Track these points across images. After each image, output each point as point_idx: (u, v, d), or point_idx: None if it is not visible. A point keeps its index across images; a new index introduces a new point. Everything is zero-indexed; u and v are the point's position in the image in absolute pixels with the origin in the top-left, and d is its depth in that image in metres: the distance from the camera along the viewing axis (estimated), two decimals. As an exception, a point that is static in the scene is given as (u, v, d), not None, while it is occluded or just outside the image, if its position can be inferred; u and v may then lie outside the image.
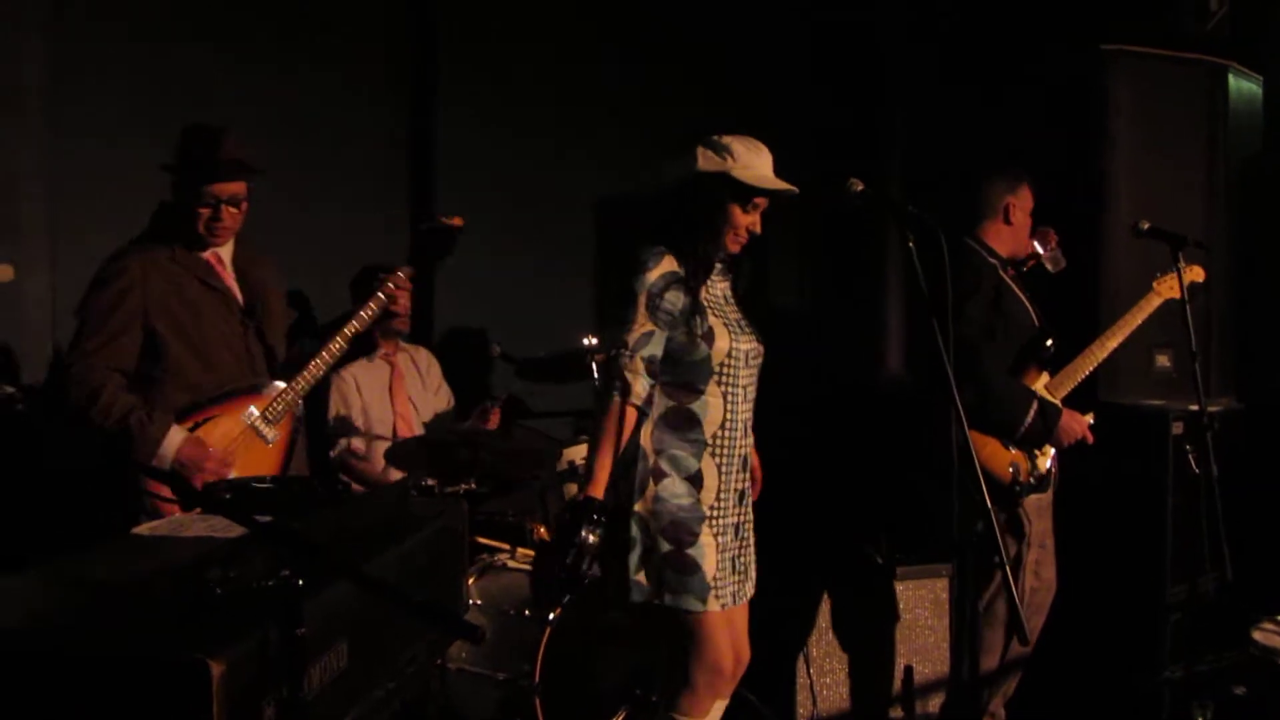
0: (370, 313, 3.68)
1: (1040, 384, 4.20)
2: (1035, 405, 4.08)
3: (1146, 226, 4.27)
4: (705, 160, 3.19)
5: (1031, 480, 4.15)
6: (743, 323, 3.34)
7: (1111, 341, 4.30)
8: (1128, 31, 5.21)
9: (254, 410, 3.52)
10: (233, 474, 3.43)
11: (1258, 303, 5.49)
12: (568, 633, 3.93)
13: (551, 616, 3.84)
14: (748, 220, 3.24)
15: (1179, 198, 5.18)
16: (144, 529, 2.34)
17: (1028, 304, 4.27)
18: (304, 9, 5.15)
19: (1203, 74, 5.29)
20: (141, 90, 4.59)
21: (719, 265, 3.32)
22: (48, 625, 1.73)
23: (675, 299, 3.17)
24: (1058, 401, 4.20)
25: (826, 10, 6.57)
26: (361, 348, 4.69)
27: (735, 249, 3.29)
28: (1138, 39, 5.19)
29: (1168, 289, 4.31)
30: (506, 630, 4.02)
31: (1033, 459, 4.16)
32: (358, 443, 4.81)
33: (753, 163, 3.20)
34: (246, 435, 3.50)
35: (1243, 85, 5.42)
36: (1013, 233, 4.31)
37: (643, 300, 3.15)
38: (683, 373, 3.20)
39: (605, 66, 5.92)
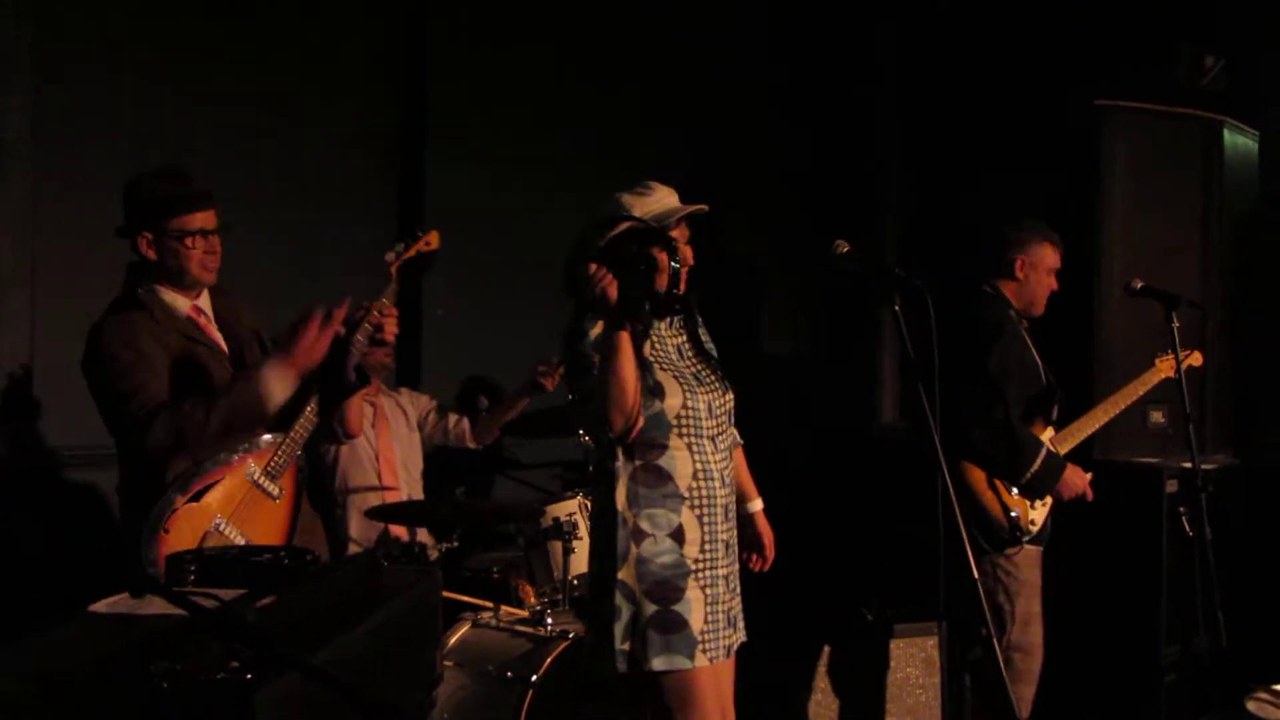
0: (359, 346, 3.55)
1: (1044, 438, 4.18)
2: (1044, 453, 4.10)
3: (1140, 286, 4.25)
4: (609, 224, 3.19)
5: (1031, 529, 4.15)
6: (701, 374, 3.29)
7: (1113, 409, 4.33)
8: (1122, 87, 5.20)
9: (254, 467, 3.39)
10: (242, 540, 3.32)
11: (1255, 359, 5.46)
12: (550, 694, 3.87)
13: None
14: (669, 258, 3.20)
15: (1174, 254, 5.17)
16: (101, 606, 2.28)
17: (1038, 357, 4.29)
18: (289, 54, 5.13)
19: (1198, 129, 5.29)
20: (126, 143, 4.55)
21: (666, 320, 3.30)
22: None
23: None
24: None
25: (821, 66, 6.59)
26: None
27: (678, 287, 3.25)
28: (1132, 94, 5.18)
29: (1168, 367, 4.30)
30: (489, 692, 3.95)
31: (1031, 508, 4.16)
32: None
33: (648, 204, 3.20)
34: (252, 494, 3.38)
35: (1238, 140, 5.41)
36: (1020, 288, 4.33)
37: (589, 355, 3.15)
38: (643, 429, 3.16)
39: (596, 112, 5.91)
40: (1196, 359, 4.42)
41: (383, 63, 5.56)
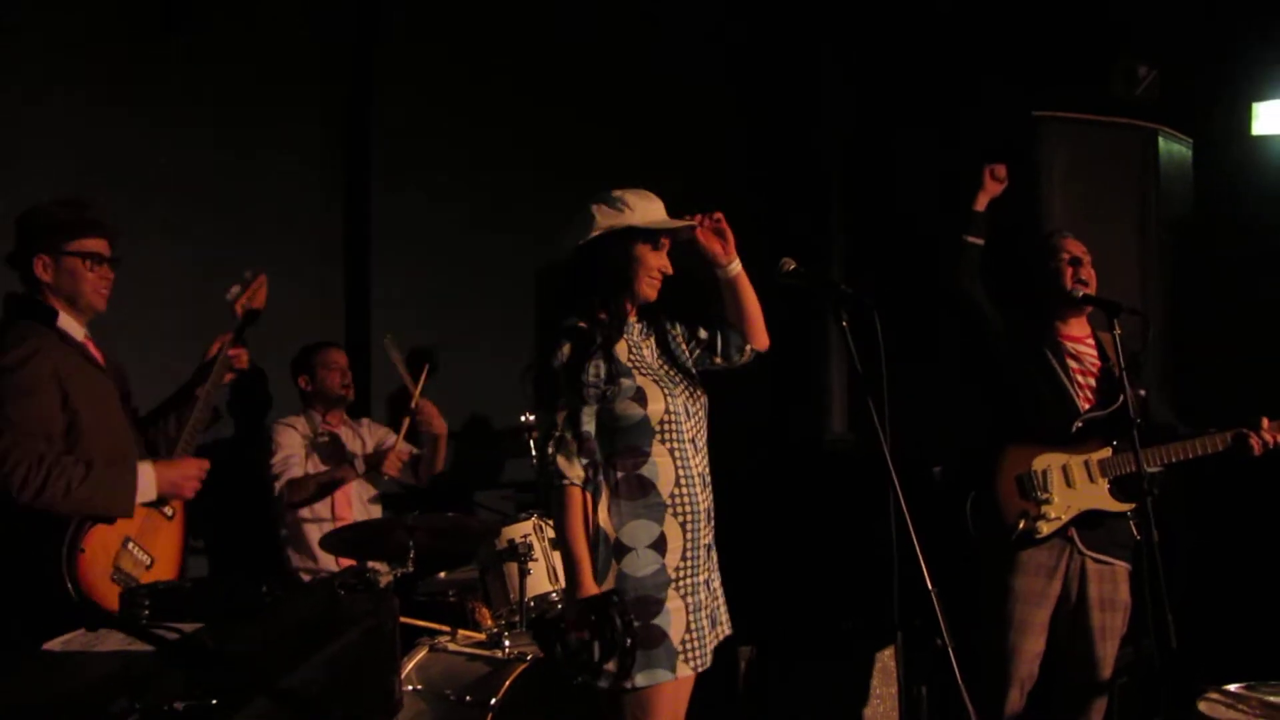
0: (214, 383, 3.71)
1: (1054, 460, 4.17)
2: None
3: (1081, 294, 4.28)
4: (604, 217, 3.17)
5: (1030, 532, 4.11)
6: (674, 375, 3.29)
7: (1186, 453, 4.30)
8: (1059, 98, 5.27)
9: None
10: (147, 559, 3.37)
11: (1192, 363, 5.53)
12: (509, 717, 3.85)
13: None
14: (659, 261, 3.24)
15: (1114, 261, 5.22)
16: (56, 644, 2.25)
17: (1061, 372, 4.28)
18: (239, 79, 5.11)
19: (1133, 138, 5.37)
20: (71, 161, 4.51)
21: (639, 325, 3.30)
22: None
23: (596, 369, 3.12)
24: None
25: (768, 85, 6.63)
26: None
27: (652, 294, 3.26)
28: (1069, 105, 5.25)
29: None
30: (448, 716, 3.94)
31: (1046, 521, 4.13)
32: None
33: (648, 209, 3.22)
34: (151, 514, 3.41)
35: (1173, 148, 5.49)
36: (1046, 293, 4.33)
37: (563, 378, 3.10)
38: (624, 439, 3.15)
39: (543, 136, 5.91)
40: None
41: (332, 87, 5.55)
